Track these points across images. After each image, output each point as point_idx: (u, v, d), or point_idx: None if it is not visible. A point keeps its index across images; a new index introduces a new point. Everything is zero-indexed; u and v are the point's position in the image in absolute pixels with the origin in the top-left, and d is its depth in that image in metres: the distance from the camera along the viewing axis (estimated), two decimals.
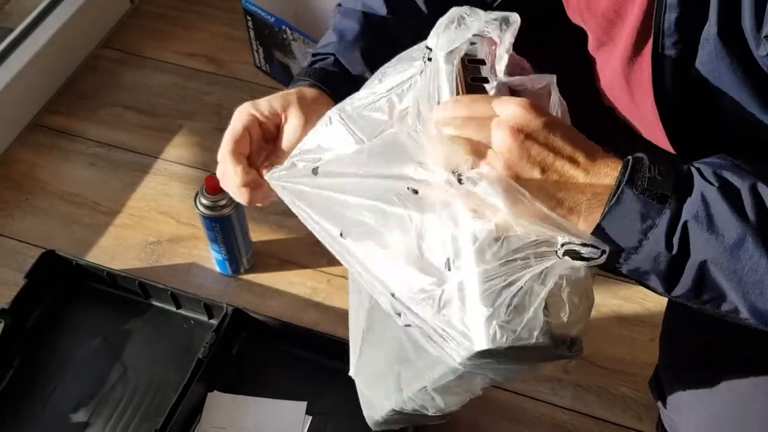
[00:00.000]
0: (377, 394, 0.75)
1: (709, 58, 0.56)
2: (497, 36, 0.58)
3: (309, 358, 1.13)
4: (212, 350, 1.07)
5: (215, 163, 0.69)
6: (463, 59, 0.58)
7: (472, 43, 0.59)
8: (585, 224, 0.52)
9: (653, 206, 0.49)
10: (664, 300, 1.30)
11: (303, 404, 1.08)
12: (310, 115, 0.68)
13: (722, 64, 0.55)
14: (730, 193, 0.50)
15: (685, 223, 0.49)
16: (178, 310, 1.18)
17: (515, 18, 0.57)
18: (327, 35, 0.77)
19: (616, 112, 0.76)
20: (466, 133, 0.53)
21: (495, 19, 0.57)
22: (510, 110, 0.52)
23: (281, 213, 1.30)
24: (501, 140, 0.51)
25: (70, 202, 1.36)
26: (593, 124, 0.83)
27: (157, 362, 1.13)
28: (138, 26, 1.66)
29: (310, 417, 1.07)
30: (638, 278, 0.53)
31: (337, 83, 0.72)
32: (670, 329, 0.80)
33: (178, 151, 1.43)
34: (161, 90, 1.54)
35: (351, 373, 0.81)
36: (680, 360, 0.75)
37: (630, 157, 0.51)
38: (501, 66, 0.58)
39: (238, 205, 1.15)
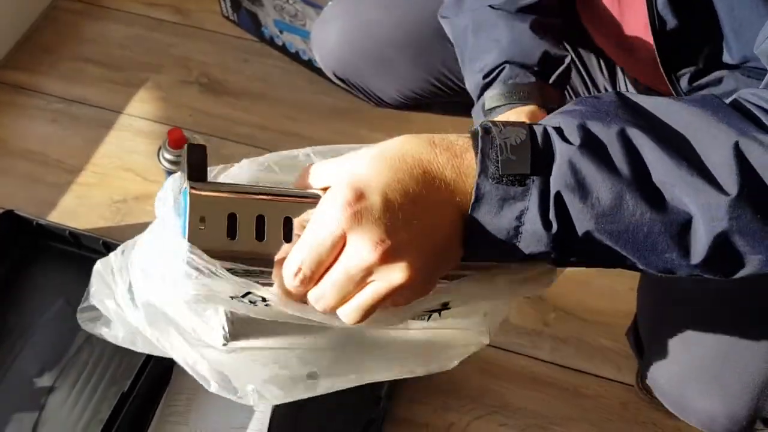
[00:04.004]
0: None
1: None
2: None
3: None
4: None
5: (181, 116, 0.63)
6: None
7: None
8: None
9: (516, 190, 0.43)
10: None
11: None
12: None
13: None
14: (595, 148, 0.43)
15: (558, 194, 0.43)
16: None
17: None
18: (472, 45, 0.73)
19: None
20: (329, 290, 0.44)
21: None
22: (322, 216, 0.43)
23: None
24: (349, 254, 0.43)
25: (32, 161, 1.31)
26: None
27: None
28: None
29: None
30: (541, 259, 0.47)
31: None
32: (646, 280, 0.78)
33: (143, 105, 1.36)
34: (124, 42, 1.47)
35: None
36: (656, 310, 0.72)
37: (479, 142, 0.44)
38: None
39: None
